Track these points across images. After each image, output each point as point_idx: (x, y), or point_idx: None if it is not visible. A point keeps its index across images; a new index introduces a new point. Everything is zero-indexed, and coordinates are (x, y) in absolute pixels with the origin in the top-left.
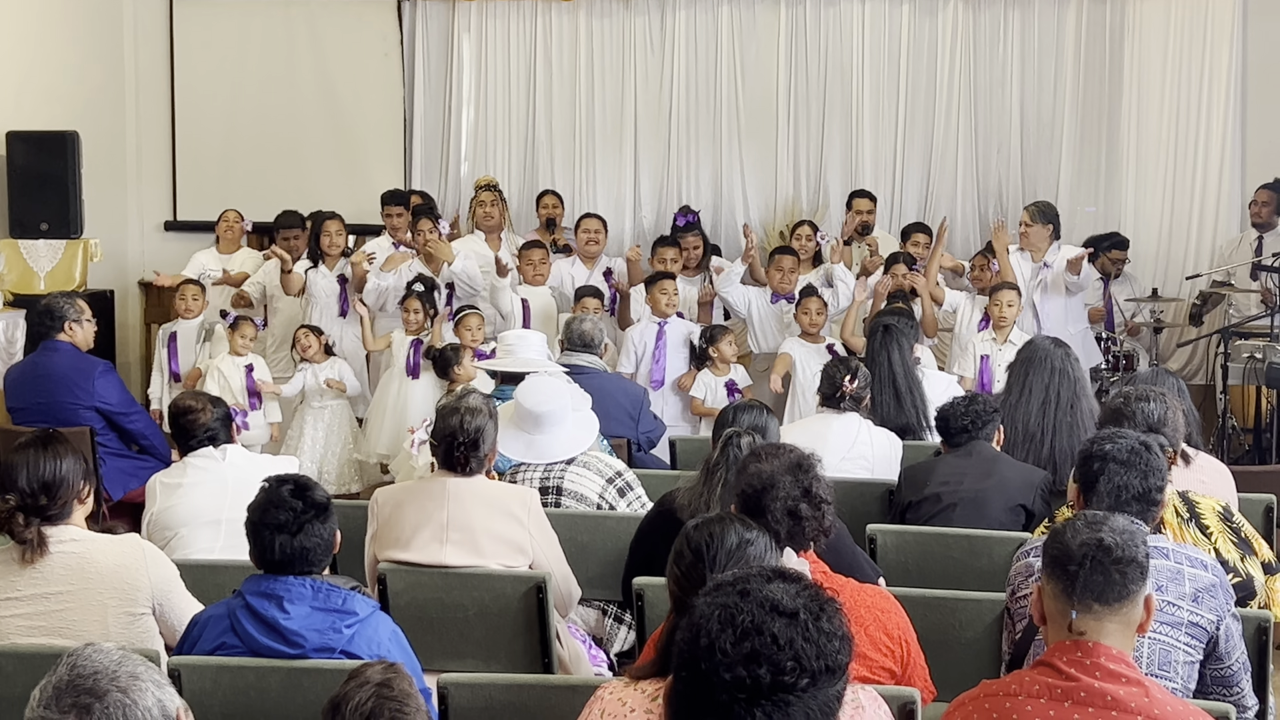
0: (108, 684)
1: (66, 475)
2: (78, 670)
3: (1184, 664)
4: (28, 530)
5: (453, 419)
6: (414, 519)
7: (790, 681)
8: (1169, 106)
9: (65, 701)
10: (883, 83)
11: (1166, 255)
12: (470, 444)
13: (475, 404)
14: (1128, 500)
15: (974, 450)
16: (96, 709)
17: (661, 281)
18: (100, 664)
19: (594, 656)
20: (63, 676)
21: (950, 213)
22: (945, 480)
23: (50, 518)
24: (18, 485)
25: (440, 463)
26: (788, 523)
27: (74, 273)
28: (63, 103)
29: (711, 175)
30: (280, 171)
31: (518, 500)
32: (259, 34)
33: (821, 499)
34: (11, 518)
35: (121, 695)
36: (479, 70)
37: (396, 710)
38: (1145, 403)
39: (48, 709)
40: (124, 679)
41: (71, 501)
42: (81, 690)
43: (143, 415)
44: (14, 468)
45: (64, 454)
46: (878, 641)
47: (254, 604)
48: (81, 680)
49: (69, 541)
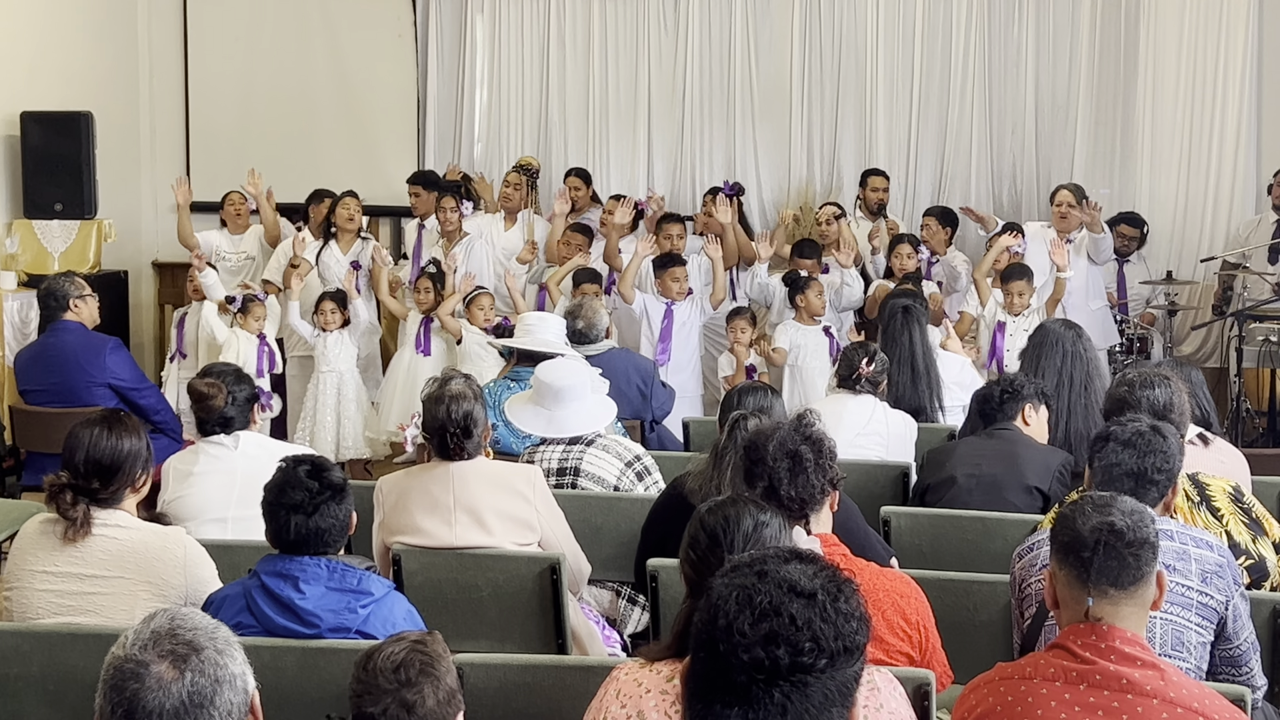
0: (206, 641)
1: (125, 458)
2: (179, 623)
3: (1196, 644)
4: (75, 509)
5: (439, 409)
6: (420, 504)
7: (808, 662)
8: (1184, 88)
9: (164, 646)
10: (897, 63)
11: (1181, 237)
12: (462, 432)
13: (458, 389)
14: (1118, 477)
15: (996, 432)
16: (193, 660)
17: (673, 269)
18: (201, 623)
19: (607, 637)
20: (162, 625)
21: (964, 194)
22: (963, 462)
23: (100, 500)
24: (74, 462)
25: (436, 454)
26: (786, 463)
27: (88, 253)
28: (77, 83)
29: (725, 156)
30: (294, 152)
31: (522, 477)
32: (272, 15)
33: (822, 443)
34: (61, 494)
35: (217, 655)
36: (492, 51)
37: (427, 664)
38: (1150, 389)
39: (144, 650)
40: (221, 643)
41: (124, 489)
42: (181, 640)
43: (154, 391)
44: (75, 443)
45: (128, 435)
46: (895, 626)
47: (269, 584)
48: (183, 632)
49: (114, 527)
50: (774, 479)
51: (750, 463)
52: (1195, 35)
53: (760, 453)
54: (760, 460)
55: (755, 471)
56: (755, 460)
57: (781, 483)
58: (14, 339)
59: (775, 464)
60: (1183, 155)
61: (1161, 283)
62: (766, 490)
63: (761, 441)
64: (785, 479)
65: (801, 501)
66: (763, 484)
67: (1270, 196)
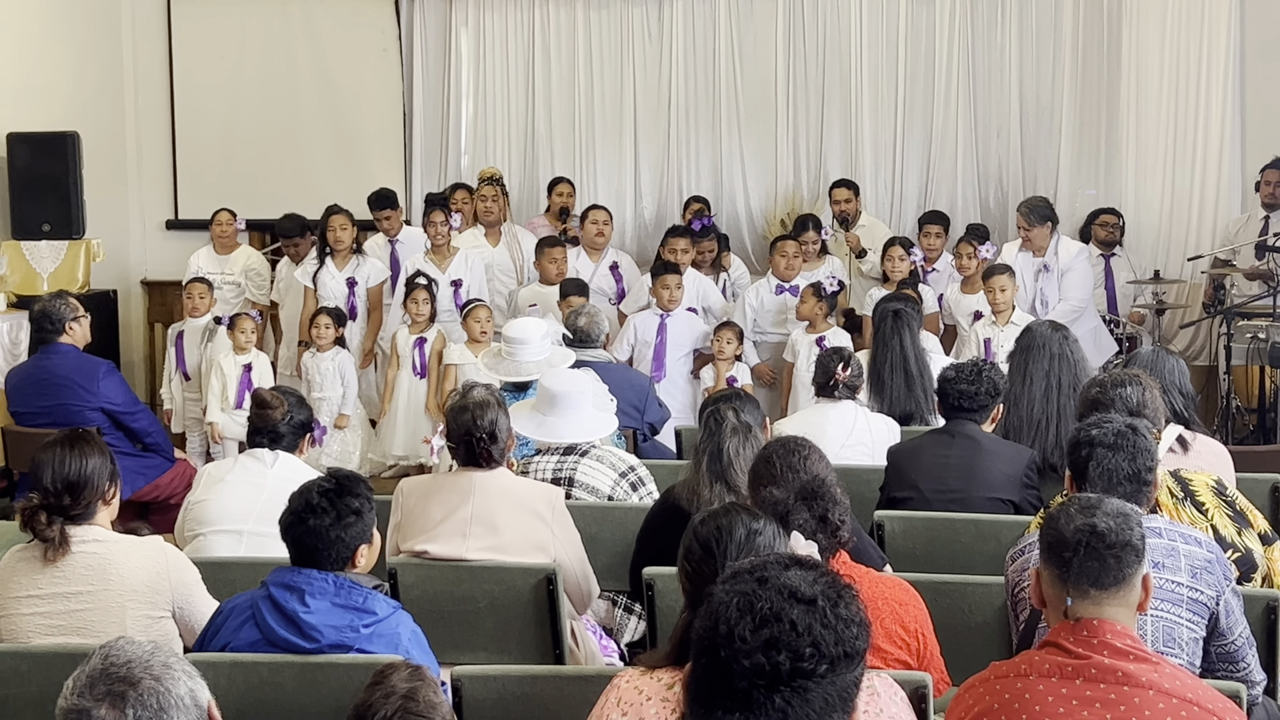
0: (141, 672)
1: (91, 475)
2: (111, 659)
3: (1189, 640)
4: (50, 529)
5: (464, 417)
6: (438, 511)
7: (809, 668)
8: (1168, 88)
9: (99, 689)
10: (881, 69)
11: (1168, 237)
12: (489, 436)
13: (481, 397)
14: (1119, 482)
15: (958, 432)
16: (131, 696)
17: (665, 276)
18: (133, 654)
19: (604, 647)
20: (96, 665)
21: (950, 198)
22: (926, 475)
23: (74, 517)
24: (42, 483)
25: (462, 462)
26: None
27: (76, 273)
28: (62, 103)
29: (711, 165)
30: (281, 168)
31: (543, 499)
32: (257, 31)
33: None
34: (35, 516)
35: (155, 683)
36: (477, 64)
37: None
38: (1122, 388)
39: (81, 697)
40: (157, 668)
41: (96, 502)
42: (115, 678)
43: (146, 413)
44: (40, 466)
45: (90, 454)
46: (892, 633)
47: (276, 595)
48: (115, 669)
49: (92, 542)
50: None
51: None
52: (1178, 35)
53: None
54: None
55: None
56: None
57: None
58: (3, 360)
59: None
60: (1168, 155)
61: (1149, 282)
62: None
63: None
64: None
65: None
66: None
67: (1258, 194)
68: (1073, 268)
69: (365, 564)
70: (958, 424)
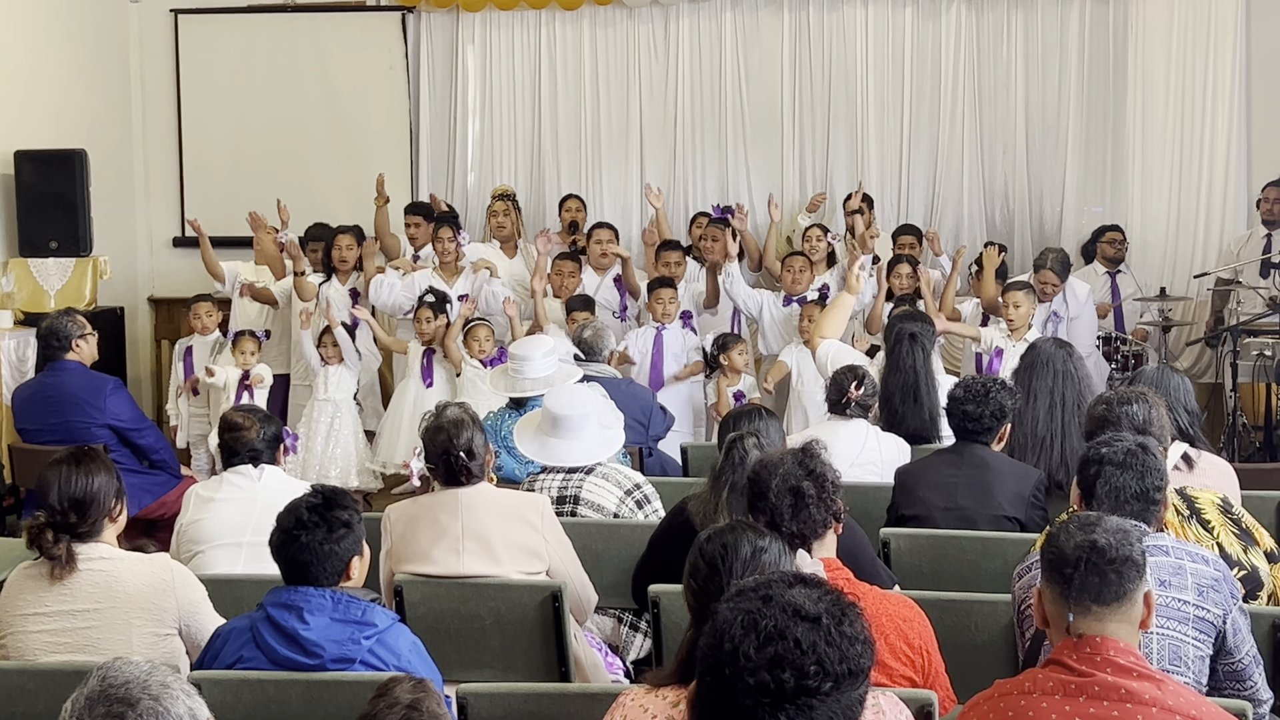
0: (139, 693)
1: (98, 493)
2: (109, 680)
3: (1195, 658)
4: (56, 547)
5: (440, 438)
6: (429, 533)
7: (814, 685)
8: (1174, 105)
9: (98, 711)
10: (887, 86)
11: (1174, 254)
12: (467, 454)
13: (455, 416)
14: (1126, 500)
15: (966, 452)
16: (129, 716)
17: (659, 290)
18: (131, 674)
19: (610, 664)
20: (94, 687)
21: (956, 215)
22: (935, 492)
23: (80, 535)
24: (48, 501)
25: (443, 482)
26: (789, 499)
27: (84, 290)
28: (69, 121)
29: (718, 181)
30: (287, 185)
31: (531, 507)
32: (264, 48)
33: (825, 479)
34: (41, 534)
35: (154, 703)
36: (484, 81)
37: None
38: (1129, 405)
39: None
40: (155, 688)
41: (102, 520)
42: (114, 699)
43: (153, 430)
44: (46, 484)
45: (96, 471)
46: (897, 650)
47: (274, 615)
48: (113, 690)
49: (98, 559)
50: (776, 514)
51: (754, 495)
52: (1183, 52)
53: (763, 487)
54: (763, 495)
55: (758, 505)
56: (759, 494)
57: (784, 519)
58: (11, 377)
59: (778, 500)
60: (1173, 172)
61: (1155, 299)
62: (769, 524)
63: (765, 475)
64: (788, 515)
65: (803, 536)
66: (764, 518)
67: (1259, 211)
68: (1080, 315)
69: (358, 577)
70: (965, 444)
